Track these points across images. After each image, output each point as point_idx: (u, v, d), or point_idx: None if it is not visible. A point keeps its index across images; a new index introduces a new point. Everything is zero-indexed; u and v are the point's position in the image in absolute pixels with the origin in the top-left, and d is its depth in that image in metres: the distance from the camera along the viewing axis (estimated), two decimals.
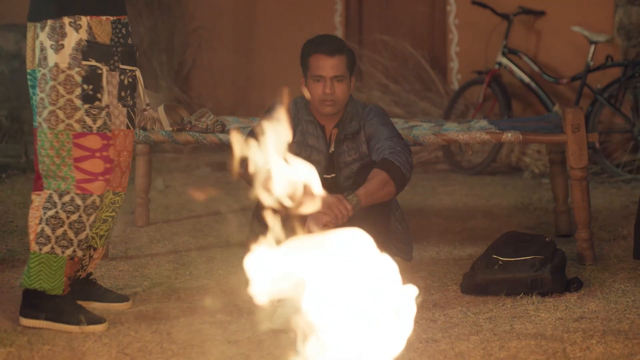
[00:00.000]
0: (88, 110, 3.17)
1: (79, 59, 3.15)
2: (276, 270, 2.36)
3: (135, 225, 4.93)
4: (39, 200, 3.21)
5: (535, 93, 6.86)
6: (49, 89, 3.15)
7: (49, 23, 3.15)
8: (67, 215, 3.17)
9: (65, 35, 3.14)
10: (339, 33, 7.85)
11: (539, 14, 7.14)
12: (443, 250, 4.40)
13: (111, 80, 3.28)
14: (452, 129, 4.43)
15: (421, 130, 4.48)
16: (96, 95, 3.19)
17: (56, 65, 3.15)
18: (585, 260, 4.09)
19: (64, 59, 3.14)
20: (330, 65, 3.65)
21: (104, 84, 3.21)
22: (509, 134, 4.12)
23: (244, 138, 3.02)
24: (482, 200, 5.79)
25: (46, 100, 3.16)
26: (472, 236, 4.71)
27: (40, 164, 3.20)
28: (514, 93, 7.15)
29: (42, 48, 3.17)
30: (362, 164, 3.69)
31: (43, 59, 3.17)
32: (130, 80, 3.34)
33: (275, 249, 2.35)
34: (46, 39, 3.16)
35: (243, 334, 3.15)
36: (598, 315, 3.34)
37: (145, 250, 4.43)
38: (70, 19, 3.15)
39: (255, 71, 8.25)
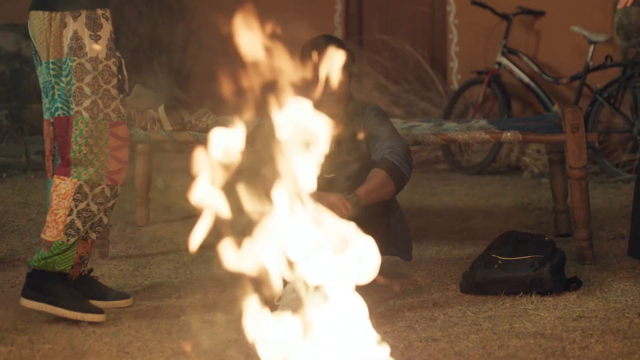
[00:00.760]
0: (122, 100, 3.28)
1: (113, 49, 3.25)
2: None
3: (136, 224, 4.94)
4: (66, 187, 3.24)
5: (534, 93, 6.87)
6: (90, 79, 3.22)
7: (85, 13, 3.21)
8: (98, 208, 3.26)
9: (101, 26, 3.23)
10: (339, 33, 7.85)
11: (538, 14, 7.15)
12: (442, 250, 4.41)
13: (127, 76, 3.40)
14: (452, 129, 4.44)
15: (421, 130, 4.49)
16: (124, 86, 3.31)
17: (97, 56, 3.22)
18: (584, 260, 4.09)
19: (102, 49, 3.23)
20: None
21: (125, 74, 3.32)
22: (509, 134, 4.13)
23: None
24: (482, 199, 5.79)
25: (87, 90, 3.22)
26: (472, 236, 4.72)
27: (74, 152, 3.23)
28: (513, 93, 7.16)
29: (77, 37, 3.21)
30: (362, 164, 3.70)
31: (78, 49, 3.21)
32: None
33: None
34: (84, 29, 3.21)
35: (243, 333, 3.16)
36: (597, 314, 3.35)
37: (145, 249, 4.44)
38: (102, 11, 3.24)
39: None
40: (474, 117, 6.80)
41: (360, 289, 3.38)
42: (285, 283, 3.41)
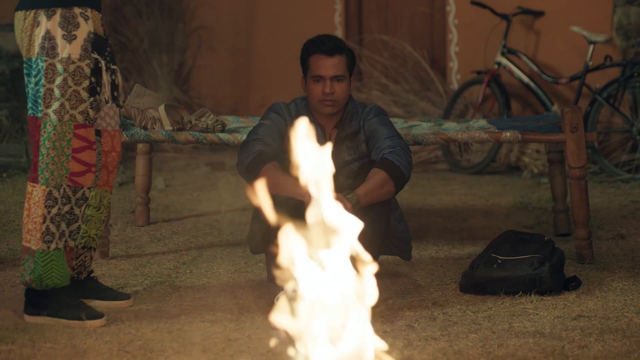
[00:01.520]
0: (92, 103, 3.20)
1: (89, 50, 3.16)
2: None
3: (136, 224, 4.95)
4: (37, 194, 3.20)
5: (534, 93, 6.88)
6: (60, 80, 3.14)
7: (60, 12, 3.13)
8: (64, 209, 3.21)
9: (78, 25, 3.14)
10: (339, 33, 7.86)
11: (538, 14, 7.16)
12: (442, 249, 4.42)
13: (107, 80, 3.30)
14: (452, 129, 4.45)
15: (420, 129, 4.50)
16: (97, 89, 3.21)
17: (69, 57, 3.14)
18: (583, 259, 4.10)
19: (76, 50, 3.14)
20: (330, 65, 3.66)
21: (104, 78, 3.22)
22: (508, 134, 4.13)
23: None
24: (481, 199, 5.80)
25: (57, 92, 3.15)
26: (471, 235, 4.73)
27: (42, 155, 3.19)
28: (513, 93, 7.17)
29: (50, 37, 3.13)
30: (362, 164, 3.71)
31: (51, 49, 3.13)
32: (114, 78, 3.34)
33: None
34: (57, 28, 3.13)
35: (243, 332, 3.17)
36: (596, 313, 3.36)
37: (145, 249, 4.45)
38: (80, 10, 3.15)
39: (255, 71, 8.26)
40: (474, 117, 6.82)
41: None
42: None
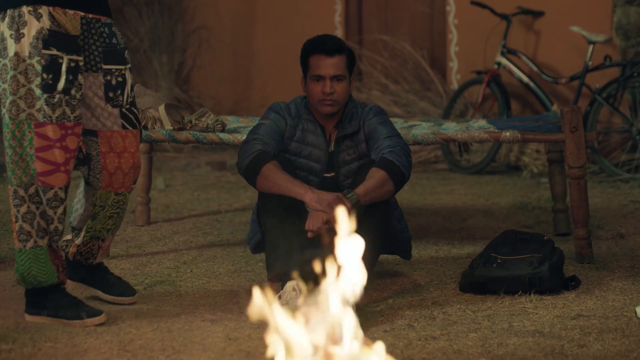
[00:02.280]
0: (47, 99, 3.13)
1: (39, 47, 3.11)
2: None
3: (136, 224, 4.96)
4: (7, 195, 3.22)
5: (534, 93, 6.89)
6: (10, 79, 3.12)
7: (9, 13, 3.13)
8: (37, 207, 3.17)
9: (25, 24, 3.11)
10: (339, 33, 7.87)
11: (537, 14, 7.17)
12: (442, 249, 4.43)
13: (94, 82, 3.27)
14: (451, 129, 4.46)
15: (420, 129, 4.50)
16: (55, 85, 3.14)
17: (16, 55, 3.12)
18: (583, 259, 4.11)
19: (24, 48, 3.12)
20: (329, 65, 3.67)
21: (64, 73, 3.15)
22: (508, 133, 4.14)
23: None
24: (481, 199, 5.81)
25: (8, 90, 3.13)
26: (471, 235, 4.73)
27: (7, 155, 3.17)
28: (512, 93, 7.18)
29: (3, 38, 3.14)
30: (362, 163, 3.71)
31: (3, 50, 3.13)
32: (120, 80, 3.32)
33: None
34: (6, 29, 3.13)
35: (243, 331, 3.18)
36: (595, 313, 3.37)
37: (146, 248, 4.46)
38: (29, 8, 3.12)
39: (255, 71, 8.27)
40: (474, 117, 6.82)
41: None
42: (284, 282, 3.43)
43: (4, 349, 2.97)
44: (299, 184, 3.51)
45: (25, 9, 3.11)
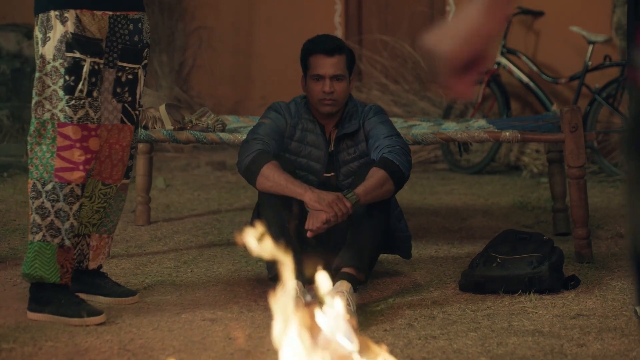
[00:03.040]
0: (69, 100, 3.21)
1: (62, 50, 3.21)
2: None
3: (136, 223, 4.96)
4: (27, 187, 3.31)
5: (533, 93, 6.90)
6: (35, 81, 3.24)
7: (40, 17, 3.24)
8: (52, 204, 3.25)
9: (52, 27, 3.21)
10: (339, 33, 7.88)
11: (537, 14, 7.17)
12: (442, 249, 4.43)
13: (107, 77, 3.34)
14: (451, 128, 4.46)
15: (420, 129, 4.51)
16: (77, 87, 3.22)
17: (42, 57, 3.22)
18: (582, 258, 4.11)
19: (49, 50, 3.21)
20: (329, 65, 3.67)
21: (86, 75, 3.23)
22: (507, 133, 4.14)
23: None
24: (481, 199, 5.81)
25: (33, 91, 3.25)
26: (471, 234, 4.74)
27: (30, 151, 3.28)
28: (512, 93, 7.18)
29: (36, 42, 3.26)
30: (361, 163, 3.72)
31: (36, 52, 3.26)
32: (130, 77, 3.38)
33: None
34: (38, 33, 3.24)
35: (243, 330, 3.18)
36: (595, 312, 3.37)
37: (146, 248, 4.46)
38: (56, 12, 3.21)
39: (255, 71, 8.28)
40: (473, 117, 6.83)
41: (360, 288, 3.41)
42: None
43: (4, 348, 2.98)
44: (299, 183, 3.52)
45: (53, 13, 3.21)
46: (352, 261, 3.46)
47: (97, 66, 3.26)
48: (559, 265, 3.69)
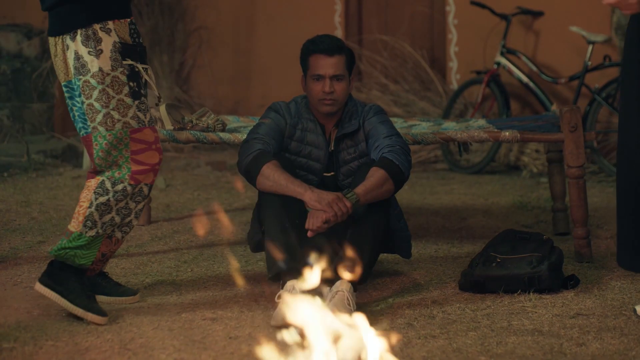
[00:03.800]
0: (138, 105, 3.29)
1: (119, 59, 3.26)
2: None
3: (137, 223, 4.96)
4: (90, 184, 3.33)
5: (533, 93, 6.90)
6: (97, 94, 3.25)
7: (80, 32, 3.24)
8: (116, 202, 3.30)
9: (100, 40, 3.24)
10: (339, 33, 7.88)
11: (537, 14, 7.18)
12: (441, 248, 4.44)
13: (151, 80, 3.41)
14: (451, 128, 4.47)
15: (420, 129, 4.51)
16: (140, 92, 3.32)
17: (100, 70, 3.24)
18: (582, 258, 4.12)
19: (106, 62, 3.24)
20: (329, 65, 3.68)
21: (143, 80, 3.33)
22: (507, 133, 4.15)
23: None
24: (481, 198, 5.82)
25: (97, 105, 3.25)
26: (471, 234, 4.74)
27: (98, 165, 3.31)
28: (512, 93, 7.19)
29: (79, 57, 3.24)
30: (361, 162, 3.72)
31: (81, 67, 3.25)
32: (144, 78, 3.42)
33: None
34: (81, 47, 3.24)
35: (244, 330, 3.19)
36: (594, 312, 3.38)
37: (146, 248, 4.47)
38: (99, 25, 3.25)
39: (255, 71, 8.28)
40: (473, 117, 6.83)
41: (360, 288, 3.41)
42: (285, 281, 3.45)
43: (5, 348, 2.99)
44: (299, 183, 3.53)
45: (97, 27, 3.25)
46: (352, 260, 3.46)
47: (145, 71, 3.35)
48: (559, 264, 3.69)
